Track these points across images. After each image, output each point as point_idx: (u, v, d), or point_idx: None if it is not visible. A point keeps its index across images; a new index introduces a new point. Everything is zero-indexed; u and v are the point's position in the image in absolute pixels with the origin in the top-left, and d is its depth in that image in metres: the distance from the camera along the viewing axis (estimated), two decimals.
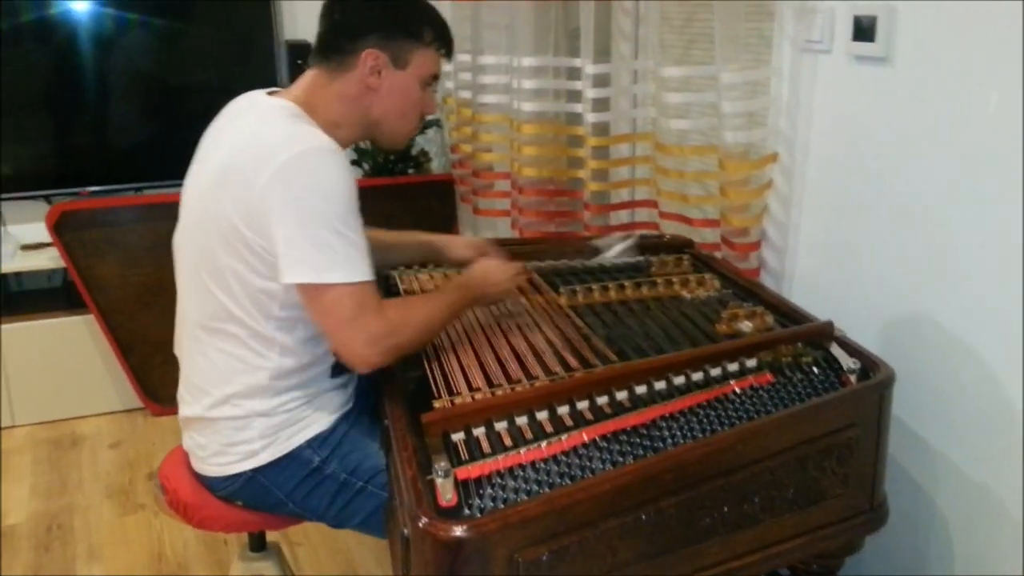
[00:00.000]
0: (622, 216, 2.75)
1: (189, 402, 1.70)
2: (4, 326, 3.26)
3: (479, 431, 1.41)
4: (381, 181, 3.57)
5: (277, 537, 2.39)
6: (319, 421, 1.67)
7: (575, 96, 2.64)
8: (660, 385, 1.52)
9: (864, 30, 1.77)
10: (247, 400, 1.62)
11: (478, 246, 2.00)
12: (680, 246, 2.23)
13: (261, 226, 1.48)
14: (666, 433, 1.41)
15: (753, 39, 2.14)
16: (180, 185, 1.68)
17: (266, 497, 1.68)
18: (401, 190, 3.58)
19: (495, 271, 1.79)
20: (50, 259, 3.30)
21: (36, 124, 3.40)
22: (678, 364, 1.56)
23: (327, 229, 1.45)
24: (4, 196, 3.42)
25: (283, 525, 1.76)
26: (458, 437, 1.40)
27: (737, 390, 1.52)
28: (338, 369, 1.70)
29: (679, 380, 1.54)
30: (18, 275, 3.54)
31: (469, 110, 2.97)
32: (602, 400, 1.48)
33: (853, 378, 1.56)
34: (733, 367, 1.58)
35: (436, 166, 3.82)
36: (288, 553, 2.54)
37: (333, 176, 1.47)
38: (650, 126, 2.44)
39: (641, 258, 2.15)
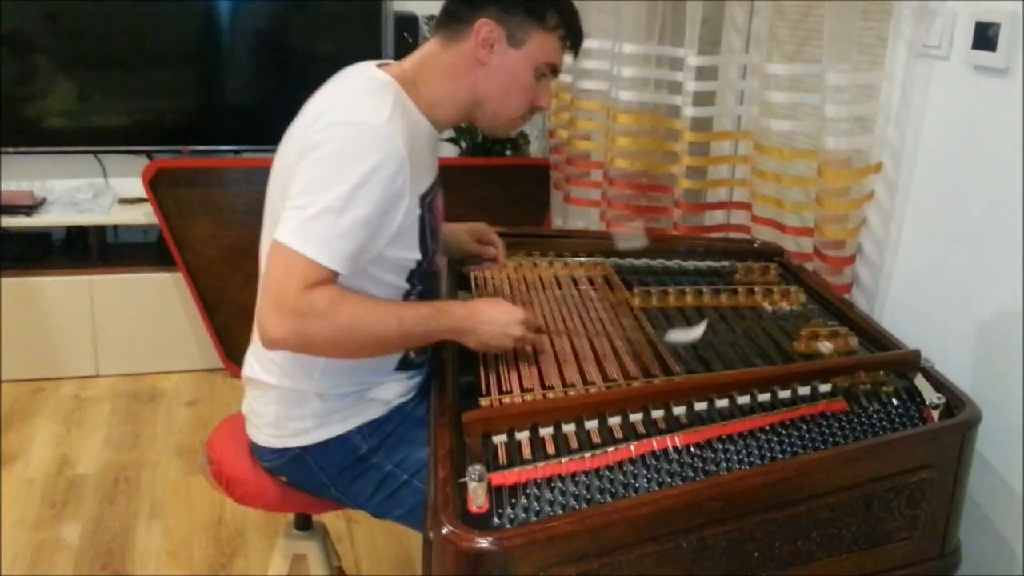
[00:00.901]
0: (717, 216, 2.63)
1: (251, 362, 1.67)
2: (97, 277, 3.33)
3: (522, 435, 1.33)
4: (476, 161, 3.51)
5: (337, 511, 2.37)
6: (373, 408, 1.62)
7: (677, 88, 2.52)
8: (722, 403, 1.43)
9: (986, 38, 1.62)
10: (302, 373, 1.58)
11: (476, 231, 1.93)
12: (770, 254, 2.11)
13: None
14: (721, 456, 1.32)
15: (868, 39, 2.00)
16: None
17: (310, 477, 1.64)
18: (496, 172, 3.51)
19: (493, 311, 1.55)
20: (145, 215, 3.34)
21: (147, 80, 3.45)
22: (744, 382, 1.46)
23: (327, 198, 1.36)
24: (107, 149, 3.49)
25: (323, 509, 1.73)
26: (500, 439, 1.33)
27: (805, 416, 1.41)
28: (406, 363, 1.65)
29: (743, 399, 1.44)
30: (115, 228, 3.60)
31: (568, 95, 2.87)
32: (657, 414, 1.39)
33: (936, 414, 1.43)
34: (804, 391, 1.47)
35: (535, 149, 3.74)
36: (344, 529, 2.53)
37: (362, 152, 1.39)
38: (754, 124, 2.31)
39: (726, 263, 2.04)
